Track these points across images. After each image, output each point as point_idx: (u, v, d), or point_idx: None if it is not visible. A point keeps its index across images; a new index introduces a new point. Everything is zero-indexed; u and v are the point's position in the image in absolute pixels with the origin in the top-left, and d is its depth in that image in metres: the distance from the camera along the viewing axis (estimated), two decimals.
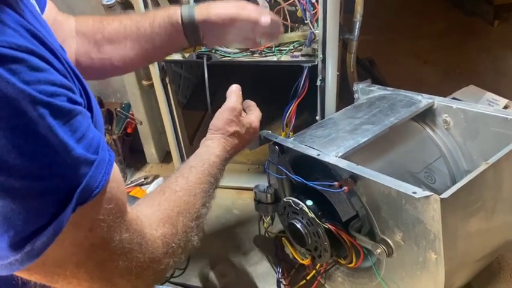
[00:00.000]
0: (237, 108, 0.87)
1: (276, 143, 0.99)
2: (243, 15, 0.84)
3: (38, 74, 0.42)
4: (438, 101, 1.06)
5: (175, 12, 0.83)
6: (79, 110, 0.47)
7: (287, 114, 1.19)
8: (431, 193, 0.70)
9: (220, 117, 0.86)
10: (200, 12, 0.84)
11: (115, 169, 0.51)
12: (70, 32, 0.81)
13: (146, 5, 1.10)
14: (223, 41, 0.95)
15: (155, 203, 0.64)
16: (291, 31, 1.15)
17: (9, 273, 0.46)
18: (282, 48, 1.15)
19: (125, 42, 0.83)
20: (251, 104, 0.93)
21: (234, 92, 0.89)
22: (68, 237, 0.46)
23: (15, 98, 0.39)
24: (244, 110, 0.91)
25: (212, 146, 0.83)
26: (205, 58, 1.16)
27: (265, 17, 0.85)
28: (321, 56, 1.10)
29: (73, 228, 0.46)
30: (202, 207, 0.70)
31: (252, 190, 1.11)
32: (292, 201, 0.93)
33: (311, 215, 0.89)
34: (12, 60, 0.40)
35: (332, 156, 0.88)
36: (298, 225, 0.93)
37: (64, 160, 0.44)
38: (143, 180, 1.51)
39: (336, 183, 0.84)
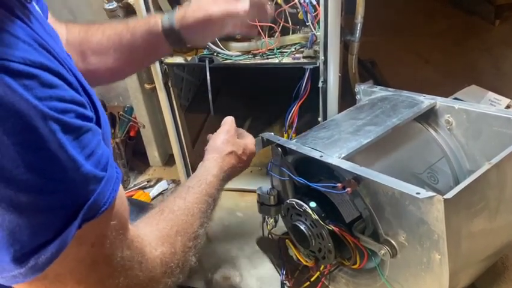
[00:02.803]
0: (231, 130, 0.92)
1: (278, 145, 0.99)
2: (218, 13, 0.83)
3: (49, 91, 0.43)
4: (440, 101, 1.06)
5: (156, 22, 0.84)
6: (88, 127, 0.47)
7: (289, 116, 1.19)
8: (435, 194, 0.70)
9: (216, 138, 0.90)
10: (178, 17, 0.84)
11: (120, 186, 0.52)
12: (62, 41, 0.81)
13: (148, 9, 1.11)
14: (208, 39, 0.95)
15: (154, 222, 0.64)
16: (293, 33, 1.15)
17: (11, 284, 0.46)
18: (283, 51, 1.15)
19: (109, 53, 0.84)
20: (243, 131, 0.98)
21: (228, 121, 0.95)
22: (71, 253, 0.46)
23: (27, 113, 0.40)
24: (238, 137, 0.94)
25: (209, 166, 0.84)
26: (207, 61, 1.16)
27: (243, 4, 0.85)
28: (323, 57, 1.10)
29: (76, 244, 0.46)
30: (200, 227, 0.70)
31: (255, 192, 1.11)
32: (296, 202, 0.93)
33: (315, 216, 0.89)
34: (26, 76, 0.40)
35: (334, 157, 0.88)
36: (302, 227, 0.93)
37: (72, 176, 0.44)
38: (146, 183, 1.52)
39: (339, 184, 0.84)
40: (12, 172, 0.40)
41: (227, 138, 0.89)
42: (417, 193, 0.72)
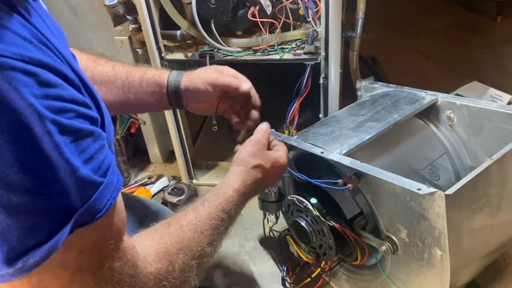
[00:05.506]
0: (261, 141, 0.84)
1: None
2: (221, 80, 0.84)
3: (47, 90, 0.42)
4: (441, 97, 1.05)
5: (164, 74, 0.86)
6: (90, 130, 0.46)
7: (290, 113, 1.19)
8: (436, 189, 0.70)
9: (243, 150, 0.83)
10: (185, 78, 0.85)
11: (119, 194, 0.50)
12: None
13: (148, 6, 1.10)
14: (204, 108, 0.91)
15: (157, 236, 0.61)
16: (294, 29, 1.15)
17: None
18: (284, 47, 1.15)
19: (111, 87, 0.84)
20: (278, 142, 0.91)
21: (261, 130, 0.87)
22: (56, 258, 0.44)
23: (22, 112, 0.39)
24: (270, 149, 0.88)
25: (231, 179, 0.78)
26: (207, 57, 1.16)
27: (246, 84, 0.86)
28: (324, 53, 1.10)
29: (64, 250, 0.44)
30: (208, 245, 0.67)
31: None
32: (297, 199, 0.93)
33: (316, 212, 0.89)
34: (24, 74, 0.40)
35: (335, 153, 0.88)
36: (303, 223, 0.93)
37: (66, 179, 0.43)
38: (147, 180, 1.51)
39: (340, 180, 0.84)
40: (5, 171, 0.39)
41: (254, 150, 0.83)
42: (419, 189, 0.72)
